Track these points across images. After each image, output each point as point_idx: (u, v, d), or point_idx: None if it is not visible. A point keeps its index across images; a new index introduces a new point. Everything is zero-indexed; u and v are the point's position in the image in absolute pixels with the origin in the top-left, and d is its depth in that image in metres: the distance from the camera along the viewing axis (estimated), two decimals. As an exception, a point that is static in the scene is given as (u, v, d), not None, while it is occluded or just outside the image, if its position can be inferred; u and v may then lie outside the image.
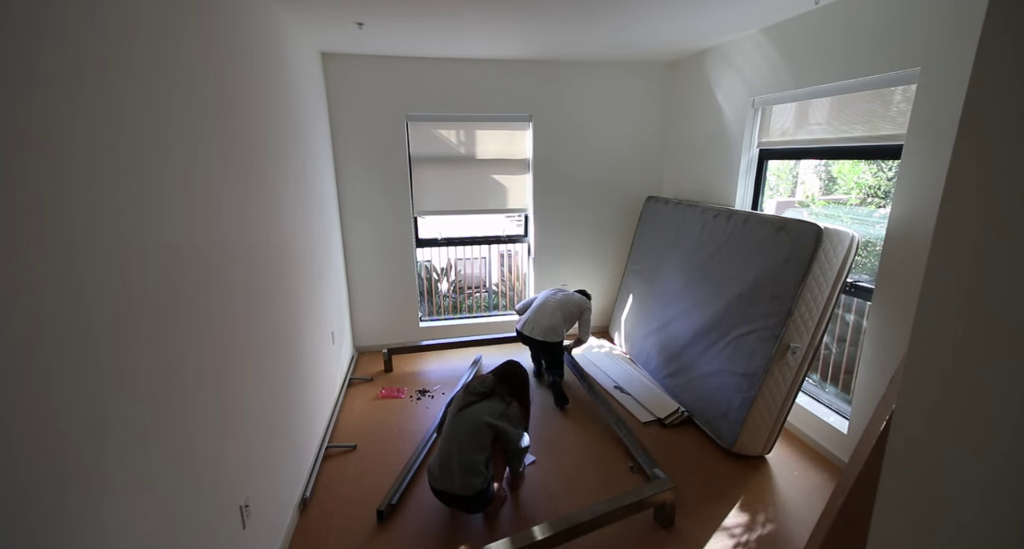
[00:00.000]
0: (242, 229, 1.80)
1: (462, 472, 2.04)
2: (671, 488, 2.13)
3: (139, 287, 1.17)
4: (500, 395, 2.23)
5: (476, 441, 2.08)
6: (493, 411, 2.15)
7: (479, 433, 2.09)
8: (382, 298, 4.11)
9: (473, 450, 2.06)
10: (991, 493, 0.61)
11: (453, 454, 2.07)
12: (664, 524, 2.17)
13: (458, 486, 2.04)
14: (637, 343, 3.80)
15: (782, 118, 3.03)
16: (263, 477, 1.88)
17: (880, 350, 2.32)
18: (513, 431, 2.15)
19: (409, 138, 3.86)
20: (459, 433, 2.11)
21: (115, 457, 1.05)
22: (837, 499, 1.57)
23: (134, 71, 1.19)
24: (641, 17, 2.70)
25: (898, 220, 2.21)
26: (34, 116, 0.88)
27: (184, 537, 1.32)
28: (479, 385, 2.26)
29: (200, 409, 1.43)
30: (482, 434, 2.09)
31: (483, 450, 2.08)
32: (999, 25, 0.59)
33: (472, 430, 2.10)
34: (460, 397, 2.26)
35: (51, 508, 0.88)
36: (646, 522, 2.20)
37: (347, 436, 2.92)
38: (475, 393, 2.23)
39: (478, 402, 2.19)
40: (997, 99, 0.59)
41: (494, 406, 2.17)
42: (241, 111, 1.85)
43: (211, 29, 1.64)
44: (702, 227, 3.28)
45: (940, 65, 1.99)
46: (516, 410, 2.22)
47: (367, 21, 2.71)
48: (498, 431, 2.12)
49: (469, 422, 2.12)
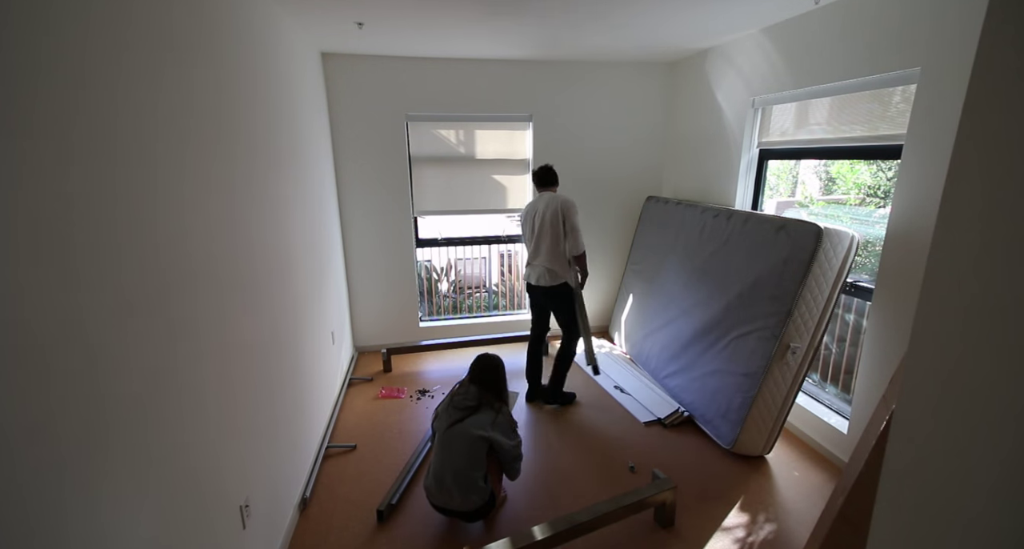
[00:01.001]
0: (241, 229, 1.79)
1: (461, 490, 2.01)
2: (671, 488, 2.13)
3: (138, 287, 1.16)
4: (488, 404, 2.18)
5: (471, 458, 2.04)
6: (483, 423, 2.10)
7: (473, 449, 2.05)
8: (382, 298, 4.10)
9: (469, 468, 2.02)
10: (992, 493, 0.61)
11: (447, 473, 2.03)
12: (664, 524, 2.17)
13: (458, 502, 2.03)
14: (637, 343, 3.80)
15: (782, 118, 3.03)
16: (263, 477, 1.88)
17: (880, 350, 2.32)
18: (507, 441, 2.10)
19: (409, 138, 3.86)
20: (452, 451, 2.06)
21: (115, 457, 1.05)
22: (837, 499, 1.57)
23: (133, 71, 1.19)
24: (641, 17, 2.71)
25: (898, 220, 2.21)
26: (32, 116, 0.88)
27: (184, 537, 1.32)
28: (464, 398, 2.19)
29: (200, 409, 1.43)
30: (476, 449, 2.05)
31: (479, 466, 2.04)
32: (999, 25, 0.59)
33: (465, 447, 2.05)
34: (446, 412, 2.19)
35: (51, 508, 0.88)
36: (646, 522, 2.20)
37: (347, 436, 2.92)
38: (462, 408, 2.16)
39: (467, 417, 2.13)
40: (997, 99, 0.59)
41: (483, 418, 2.12)
42: (241, 111, 1.85)
43: (211, 29, 1.64)
44: (702, 227, 3.28)
45: (940, 65, 1.99)
46: (505, 415, 2.18)
47: (367, 21, 2.71)
48: (492, 443, 2.08)
49: (461, 439, 2.07)
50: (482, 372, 2.28)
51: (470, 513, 2.07)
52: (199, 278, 1.45)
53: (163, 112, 1.30)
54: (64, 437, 0.91)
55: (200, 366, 1.44)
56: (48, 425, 0.88)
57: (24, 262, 0.85)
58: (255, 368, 1.85)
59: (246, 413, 1.75)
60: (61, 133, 0.94)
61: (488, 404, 2.18)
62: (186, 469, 1.34)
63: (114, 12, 1.13)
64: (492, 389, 2.25)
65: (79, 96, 0.99)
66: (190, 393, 1.38)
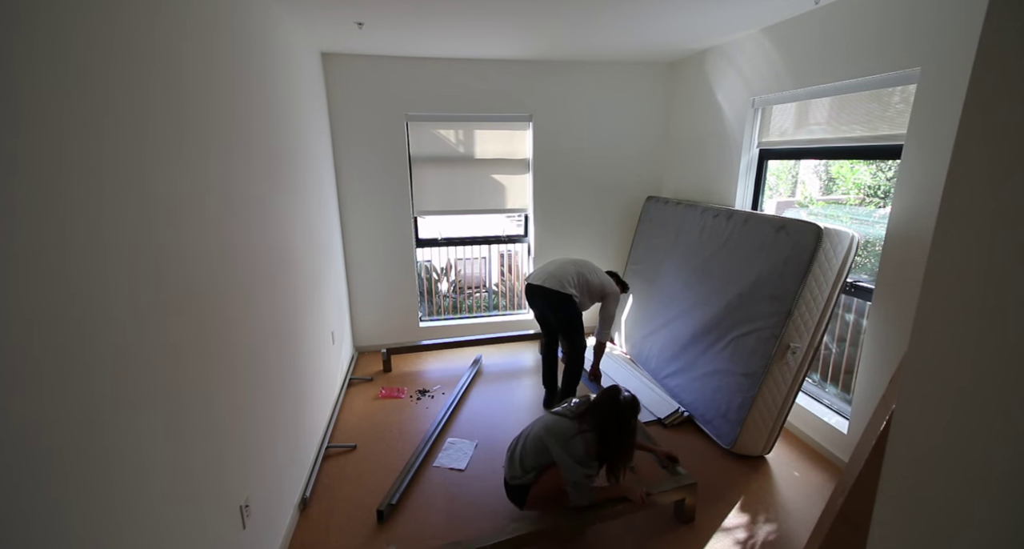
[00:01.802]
0: (241, 229, 1.79)
1: (512, 462, 2.14)
2: (690, 484, 2.15)
3: (137, 287, 1.16)
4: (580, 422, 2.07)
5: (536, 447, 2.09)
6: (561, 432, 2.05)
7: (540, 443, 2.09)
8: (382, 298, 4.11)
9: (530, 452, 2.09)
10: (992, 493, 0.61)
11: (519, 443, 2.18)
12: (684, 520, 2.20)
13: (506, 471, 2.17)
14: (637, 343, 3.80)
15: (782, 118, 3.03)
16: (263, 477, 1.88)
17: (880, 350, 2.32)
18: (566, 460, 1.99)
19: (409, 138, 3.86)
20: (533, 430, 2.16)
21: (115, 457, 1.05)
22: (837, 499, 1.57)
23: (132, 70, 1.19)
24: (642, 17, 2.71)
25: (898, 220, 2.21)
26: (30, 115, 0.88)
27: (184, 537, 1.32)
28: (578, 405, 2.17)
29: (200, 409, 1.43)
30: (541, 445, 2.08)
31: (539, 456, 2.06)
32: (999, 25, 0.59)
33: (538, 436, 2.10)
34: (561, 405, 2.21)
35: (51, 508, 0.88)
36: (665, 516, 2.21)
37: (347, 436, 2.92)
38: (569, 410, 2.14)
39: (564, 417, 2.11)
40: (997, 99, 0.59)
41: (567, 428, 2.05)
42: (240, 111, 1.85)
43: (210, 29, 1.64)
44: (702, 227, 3.28)
45: (940, 65, 2.00)
46: (581, 443, 2.01)
47: (367, 21, 2.71)
48: (552, 453, 2.04)
49: (542, 427, 2.11)
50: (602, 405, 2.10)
51: (507, 487, 2.17)
52: (198, 279, 1.45)
53: (160, 112, 1.30)
54: (64, 437, 0.91)
55: (200, 366, 1.44)
56: (48, 425, 0.88)
57: (24, 262, 0.85)
58: (255, 368, 1.85)
59: (246, 413, 1.75)
60: (59, 132, 0.94)
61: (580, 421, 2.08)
62: (186, 469, 1.34)
63: (112, 11, 1.12)
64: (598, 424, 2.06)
65: (75, 95, 0.99)
66: (190, 393, 1.38)
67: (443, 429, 2.99)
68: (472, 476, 2.56)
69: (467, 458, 2.72)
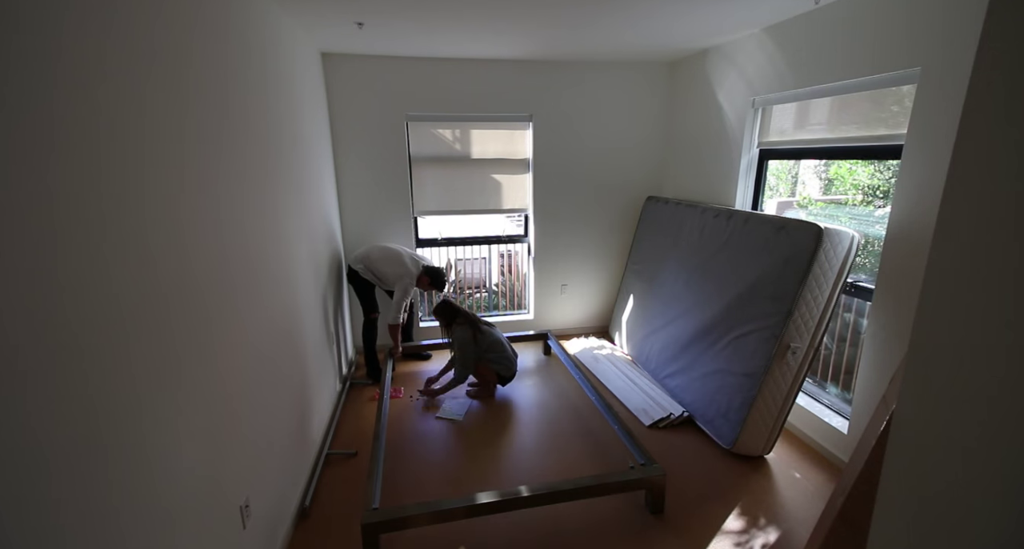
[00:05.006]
0: (241, 230, 1.79)
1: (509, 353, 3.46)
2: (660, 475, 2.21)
3: (138, 289, 1.16)
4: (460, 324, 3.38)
5: None
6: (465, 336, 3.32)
7: None
8: (382, 298, 4.10)
9: None
10: (991, 493, 0.61)
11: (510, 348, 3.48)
12: (654, 510, 2.24)
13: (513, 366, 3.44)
14: (637, 343, 3.80)
15: (782, 118, 3.03)
16: (263, 478, 1.88)
17: (880, 350, 2.32)
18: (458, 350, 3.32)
19: (409, 138, 3.86)
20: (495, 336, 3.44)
21: (114, 457, 1.05)
22: (837, 499, 1.57)
23: (131, 70, 1.19)
24: (642, 17, 2.71)
25: (898, 220, 2.21)
26: (29, 115, 0.88)
27: (184, 537, 1.32)
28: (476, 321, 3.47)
29: (200, 410, 1.43)
30: None
31: None
32: (999, 25, 0.59)
33: None
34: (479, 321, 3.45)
35: (51, 508, 0.88)
36: (638, 507, 2.21)
37: (347, 440, 2.91)
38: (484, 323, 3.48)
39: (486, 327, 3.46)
40: (997, 99, 0.59)
41: None
42: (240, 111, 1.85)
43: (210, 29, 1.64)
44: (702, 227, 3.28)
45: (940, 65, 1.99)
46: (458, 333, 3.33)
47: (367, 21, 2.71)
48: None
49: None
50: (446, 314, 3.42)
51: None
52: (198, 279, 1.45)
53: (160, 112, 1.30)
54: (64, 437, 0.91)
55: (200, 366, 1.44)
56: (48, 425, 0.88)
57: (24, 262, 0.85)
58: (256, 370, 1.85)
59: (246, 414, 1.75)
60: (58, 132, 0.94)
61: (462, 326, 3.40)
62: (186, 469, 1.34)
63: (111, 11, 1.13)
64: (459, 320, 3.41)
65: (75, 95, 0.99)
66: (190, 393, 1.38)
67: (443, 429, 2.98)
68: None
69: (464, 409, 3.24)
